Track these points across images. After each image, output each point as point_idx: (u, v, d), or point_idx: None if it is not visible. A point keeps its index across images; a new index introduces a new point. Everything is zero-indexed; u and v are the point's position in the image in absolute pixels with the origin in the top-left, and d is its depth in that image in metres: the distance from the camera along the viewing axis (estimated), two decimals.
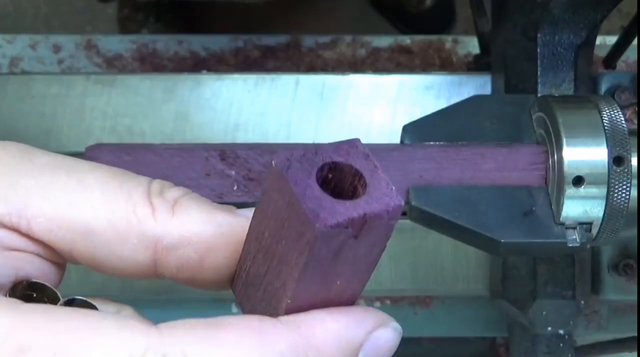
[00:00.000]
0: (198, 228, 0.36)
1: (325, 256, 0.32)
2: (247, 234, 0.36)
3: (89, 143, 0.55)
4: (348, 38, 0.97)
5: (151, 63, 0.94)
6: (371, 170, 0.32)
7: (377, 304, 0.78)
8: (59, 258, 0.37)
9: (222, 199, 0.54)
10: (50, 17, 1.56)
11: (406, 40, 0.98)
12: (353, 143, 0.33)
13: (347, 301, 0.36)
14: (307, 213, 0.30)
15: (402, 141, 0.58)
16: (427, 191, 0.54)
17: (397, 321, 0.36)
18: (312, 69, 0.97)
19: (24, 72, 0.90)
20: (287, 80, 0.74)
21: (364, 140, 0.33)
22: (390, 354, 0.36)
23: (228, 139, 0.74)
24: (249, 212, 0.36)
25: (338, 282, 0.34)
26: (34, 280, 0.35)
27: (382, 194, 0.31)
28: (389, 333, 0.36)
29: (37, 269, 0.36)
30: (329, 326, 0.34)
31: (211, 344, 0.32)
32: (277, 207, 0.32)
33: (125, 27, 1.44)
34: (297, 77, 0.75)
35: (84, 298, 0.36)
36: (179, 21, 1.45)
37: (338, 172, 0.33)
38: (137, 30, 1.41)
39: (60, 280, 0.38)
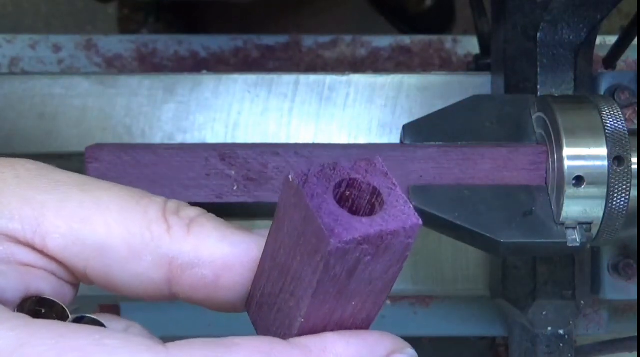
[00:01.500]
0: (214, 247, 0.35)
1: (340, 273, 0.31)
2: (263, 251, 0.35)
3: (89, 143, 0.55)
4: (348, 38, 0.97)
5: (151, 63, 0.94)
6: (389, 188, 0.32)
7: None
8: (72, 278, 0.37)
9: (222, 199, 0.54)
10: (50, 17, 1.56)
11: (406, 40, 0.98)
12: (372, 161, 0.33)
13: (362, 323, 0.35)
14: (322, 228, 0.30)
15: (402, 141, 0.58)
16: (427, 191, 0.54)
17: (397, 321, 0.35)
18: (312, 69, 0.97)
19: (24, 72, 0.90)
20: (287, 80, 0.74)
21: (363, 140, 0.32)
22: None
23: (228, 139, 0.74)
24: (265, 232, 0.36)
25: (353, 303, 0.34)
26: (44, 296, 0.35)
27: (399, 212, 0.31)
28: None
29: (50, 287, 0.36)
30: (340, 350, 0.33)
31: None
32: (292, 222, 0.32)
33: (125, 27, 1.44)
34: (297, 77, 0.75)
35: (93, 316, 0.35)
36: (179, 21, 1.45)
37: (356, 189, 0.32)
38: (137, 30, 1.41)
39: (74, 298, 0.38)
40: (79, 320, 0.35)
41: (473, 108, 0.58)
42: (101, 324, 0.35)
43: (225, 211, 0.50)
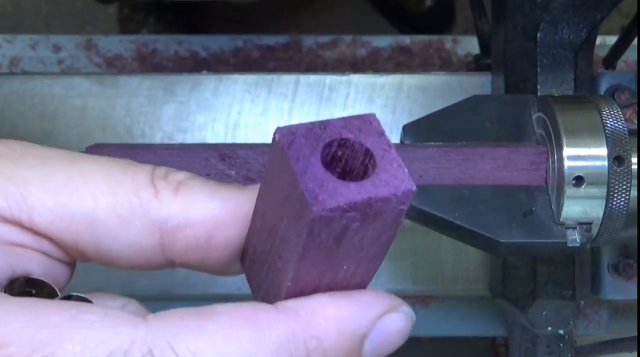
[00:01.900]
0: (204, 206, 0.34)
1: (327, 239, 0.30)
2: (254, 207, 0.34)
3: (89, 143, 0.55)
4: (348, 38, 0.97)
5: (151, 63, 0.94)
6: (383, 150, 0.30)
7: None
8: (65, 256, 0.36)
9: None
10: (50, 17, 1.56)
11: (406, 40, 0.98)
12: (366, 118, 0.30)
13: (355, 286, 0.33)
14: (305, 194, 0.28)
15: (402, 141, 0.58)
16: (427, 191, 0.54)
17: None
18: (312, 69, 0.97)
19: (24, 72, 0.90)
20: (287, 80, 0.74)
21: None
22: (402, 342, 0.34)
23: (228, 139, 0.74)
24: (257, 187, 0.35)
25: (345, 267, 0.32)
26: (32, 277, 0.35)
27: (391, 176, 0.29)
28: (398, 319, 0.33)
29: (41, 267, 0.35)
30: (331, 313, 0.32)
31: (200, 335, 0.30)
32: (279, 183, 0.30)
33: (125, 27, 1.44)
34: (297, 77, 0.75)
35: (82, 295, 0.35)
36: (179, 21, 1.45)
37: (348, 149, 0.30)
38: (137, 30, 1.41)
39: (69, 280, 0.37)
40: (66, 299, 0.34)
41: (473, 108, 0.58)
42: (88, 302, 0.34)
43: None
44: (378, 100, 0.74)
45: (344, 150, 0.30)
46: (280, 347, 0.31)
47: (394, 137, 0.73)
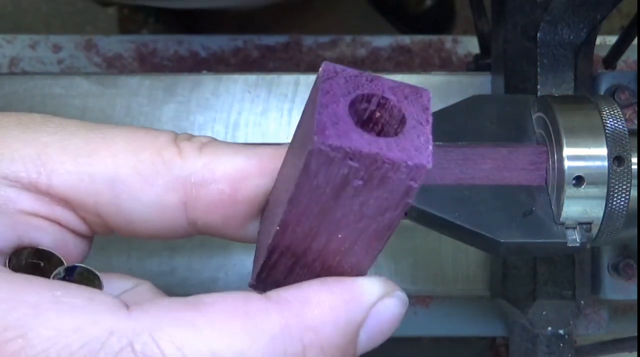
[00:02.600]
0: (228, 161, 0.34)
1: (324, 187, 0.27)
2: (282, 161, 0.33)
3: None
4: (348, 38, 0.97)
5: (151, 63, 0.94)
6: (418, 122, 0.28)
7: None
8: (82, 225, 0.35)
9: None
10: (50, 17, 1.56)
11: (406, 40, 0.98)
12: (419, 90, 0.29)
13: (350, 269, 0.32)
14: (314, 124, 0.26)
15: None
16: (427, 191, 0.54)
17: None
18: (312, 69, 0.97)
19: (24, 72, 0.90)
20: (287, 80, 0.74)
21: None
22: (397, 326, 0.33)
23: (228, 139, 0.74)
24: (283, 146, 0.34)
25: (340, 236, 0.30)
26: (41, 247, 0.34)
27: (412, 146, 0.27)
28: (393, 305, 0.32)
29: (51, 238, 0.34)
30: (325, 302, 0.31)
31: (187, 328, 0.29)
32: (304, 119, 0.29)
33: (125, 27, 1.44)
34: (297, 77, 0.75)
35: (88, 267, 0.33)
36: (179, 21, 1.45)
37: (387, 112, 0.28)
38: (137, 30, 1.41)
39: (85, 255, 0.36)
40: (70, 270, 0.33)
41: (473, 108, 0.58)
42: (95, 275, 0.33)
43: None
44: None
45: (382, 113, 0.28)
46: (274, 340, 0.29)
47: None
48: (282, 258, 0.32)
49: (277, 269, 0.33)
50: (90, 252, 0.37)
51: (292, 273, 0.32)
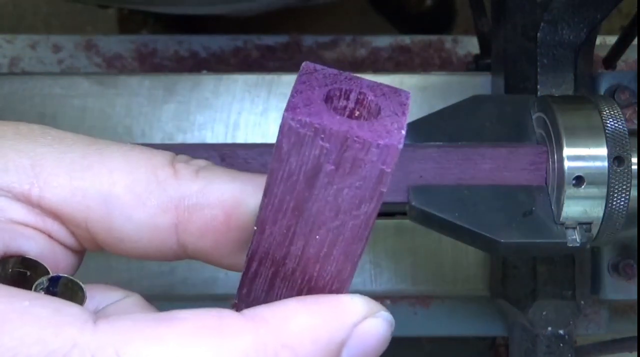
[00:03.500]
0: (224, 186, 0.33)
1: (297, 173, 0.27)
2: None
3: None
4: (348, 38, 0.97)
5: (151, 63, 0.94)
6: (394, 112, 0.28)
7: None
8: (72, 239, 0.34)
9: None
10: (50, 17, 1.56)
11: (406, 40, 0.98)
12: (399, 90, 0.29)
13: (331, 279, 0.31)
14: (288, 104, 0.26)
15: None
16: (427, 191, 0.54)
17: (397, 321, 0.32)
18: None
19: (24, 72, 0.90)
20: (287, 80, 0.74)
21: None
22: (383, 348, 0.31)
23: (228, 139, 0.74)
24: None
25: (317, 237, 0.29)
26: (27, 257, 0.33)
27: (384, 129, 0.27)
28: (377, 325, 0.31)
29: (39, 248, 0.34)
30: (304, 320, 0.29)
31: (154, 343, 0.28)
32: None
33: (125, 27, 1.44)
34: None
35: (72, 278, 0.33)
36: (179, 21, 1.45)
37: (365, 109, 0.28)
38: (137, 30, 1.41)
39: (75, 269, 0.36)
40: (54, 280, 0.32)
41: (473, 108, 0.58)
42: (80, 287, 0.33)
43: None
44: None
45: (360, 111, 0.28)
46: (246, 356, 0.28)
47: None
48: (262, 267, 0.31)
49: (257, 282, 0.32)
50: (90, 253, 0.37)
51: (272, 287, 0.32)
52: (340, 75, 0.28)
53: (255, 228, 0.30)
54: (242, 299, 0.33)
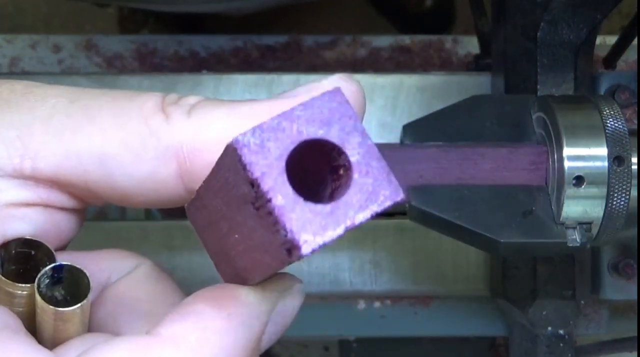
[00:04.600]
0: (221, 123, 0.31)
1: (227, 188, 0.28)
2: None
3: None
4: (348, 38, 0.97)
5: (151, 63, 0.94)
6: (358, 204, 0.26)
7: (377, 303, 0.78)
8: (73, 201, 0.33)
9: None
10: (50, 17, 1.56)
11: (406, 40, 0.98)
12: (390, 178, 0.27)
13: (243, 270, 0.30)
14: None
15: (402, 141, 0.58)
16: (427, 191, 0.54)
17: (397, 321, 0.31)
18: (312, 69, 0.97)
19: (24, 72, 0.90)
20: (287, 80, 0.74)
21: None
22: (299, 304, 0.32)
23: None
24: (280, 99, 0.32)
25: (236, 236, 0.29)
26: (28, 238, 0.33)
27: (319, 223, 0.26)
28: (291, 304, 0.32)
29: (43, 224, 0.33)
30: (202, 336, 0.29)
31: None
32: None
33: (125, 27, 1.44)
34: (297, 77, 0.75)
35: (75, 265, 0.32)
36: (179, 21, 1.45)
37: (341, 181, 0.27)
38: (137, 30, 1.41)
39: (77, 229, 0.35)
40: (58, 268, 0.32)
41: (473, 108, 0.58)
42: (84, 275, 0.32)
43: None
44: (378, 100, 0.74)
45: (337, 182, 0.27)
46: None
47: (394, 137, 0.73)
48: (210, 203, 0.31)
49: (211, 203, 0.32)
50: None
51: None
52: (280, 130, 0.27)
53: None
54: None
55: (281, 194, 0.25)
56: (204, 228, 0.32)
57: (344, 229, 0.26)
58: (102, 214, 0.81)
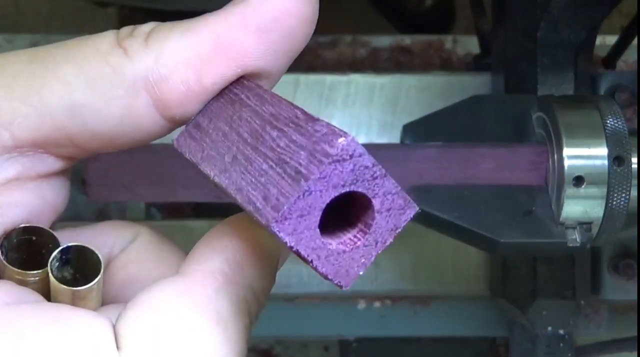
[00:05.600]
0: (178, 45, 0.31)
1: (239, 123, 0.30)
2: None
3: None
4: (348, 38, 0.97)
5: None
6: (377, 239, 0.30)
7: (377, 303, 0.78)
8: (59, 164, 0.33)
9: (222, 199, 0.54)
10: (50, 17, 1.56)
11: (406, 40, 0.98)
12: (405, 206, 0.30)
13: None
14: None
15: (402, 141, 0.58)
16: (427, 191, 0.54)
17: (397, 321, 0.32)
18: (312, 68, 0.97)
19: None
20: (287, 80, 0.74)
21: (363, 140, 0.29)
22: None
23: None
24: (238, 8, 0.32)
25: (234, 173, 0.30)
26: (27, 225, 0.33)
27: (348, 264, 0.30)
28: None
29: (34, 204, 0.33)
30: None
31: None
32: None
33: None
34: (297, 77, 0.75)
35: (82, 244, 0.32)
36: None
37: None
38: None
39: (68, 192, 0.35)
40: (66, 250, 0.32)
41: (473, 108, 0.58)
42: (94, 254, 0.32)
43: (226, 212, 0.50)
44: (378, 100, 0.74)
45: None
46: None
47: (394, 137, 0.73)
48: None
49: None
50: None
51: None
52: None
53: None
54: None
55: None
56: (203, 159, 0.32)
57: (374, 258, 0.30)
58: (103, 214, 0.81)
